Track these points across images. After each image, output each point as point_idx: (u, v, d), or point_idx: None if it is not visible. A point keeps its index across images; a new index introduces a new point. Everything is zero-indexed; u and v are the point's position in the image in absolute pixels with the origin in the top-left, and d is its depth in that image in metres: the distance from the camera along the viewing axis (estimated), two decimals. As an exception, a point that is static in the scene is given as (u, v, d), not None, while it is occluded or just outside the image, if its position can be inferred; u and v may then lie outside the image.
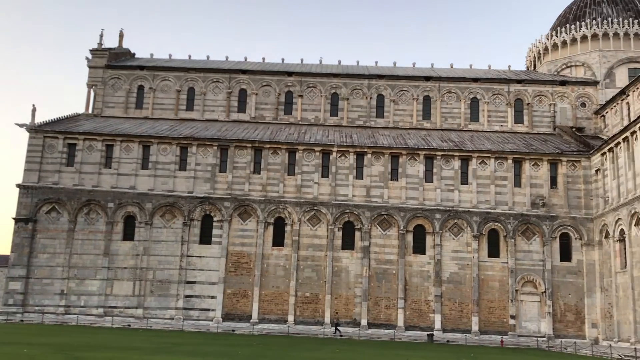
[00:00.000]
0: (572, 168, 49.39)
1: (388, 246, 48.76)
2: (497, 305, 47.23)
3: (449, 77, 59.24)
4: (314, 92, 59.14)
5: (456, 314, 47.22)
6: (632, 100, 50.48)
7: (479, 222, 48.40)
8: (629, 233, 41.99)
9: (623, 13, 61.57)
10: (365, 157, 50.56)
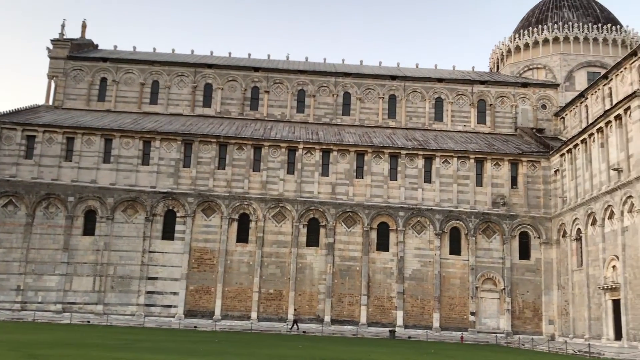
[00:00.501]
0: (532, 168, 50.54)
1: (352, 243, 49.06)
2: (458, 302, 48.06)
3: (415, 77, 59.88)
4: (280, 88, 59.01)
5: (418, 311, 47.85)
6: (590, 103, 51.92)
7: (442, 220, 49.11)
8: (586, 232, 43.21)
9: (583, 18, 63.25)
10: (331, 154, 50.71)
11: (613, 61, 55.06)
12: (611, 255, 39.52)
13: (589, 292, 42.19)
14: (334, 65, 63.43)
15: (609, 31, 61.38)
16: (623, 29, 62.45)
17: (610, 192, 39.62)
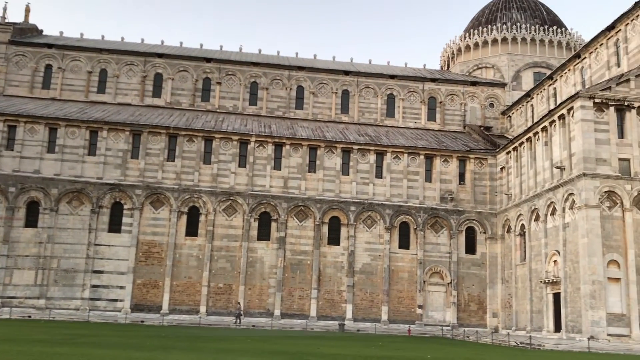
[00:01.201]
0: (480, 165, 51.78)
1: (304, 237, 49.13)
2: (406, 295, 48.87)
3: (368, 73, 60.34)
4: (233, 80, 58.39)
5: (367, 304, 48.39)
6: (536, 102, 53.62)
7: (392, 214, 49.77)
8: (529, 228, 44.65)
9: (531, 19, 65.13)
10: (283, 148, 50.57)
11: (558, 62, 57.05)
12: (553, 250, 40.96)
13: (532, 285, 43.64)
14: (287, 58, 63.21)
15: (555, 33, 63.43)
16: (568, 31, 64.67)
17: (553, 189, 41.04)
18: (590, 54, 46.35)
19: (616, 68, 42.74)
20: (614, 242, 36.62)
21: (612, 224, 36.89)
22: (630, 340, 34.50)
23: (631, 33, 41.50)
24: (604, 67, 44.15)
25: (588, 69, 46.36)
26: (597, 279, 35.71)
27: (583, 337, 34.58)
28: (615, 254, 36.40)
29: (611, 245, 36.51)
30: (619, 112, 38.41)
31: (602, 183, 37.03)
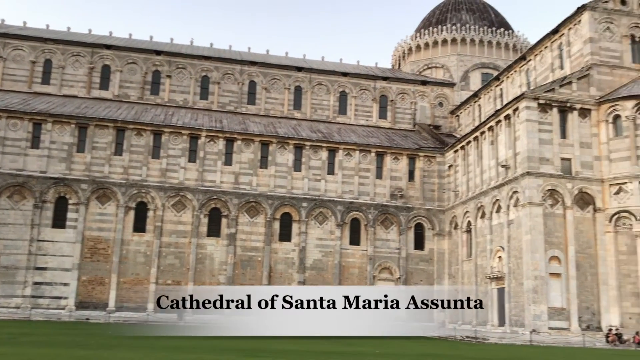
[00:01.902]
0: (429, 163, 52.75)
1: (255, 233, 48.87)
2: (356, 291, 49.27)
3: (320, 70, 60.44)
4: (183, 74, 57.41)
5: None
6: (483, 102, 55.02)
7: (343, 211, 50.11)
8: (475, 225, 45.83)
9: (479, 21, 66.75)
10: (235, 143, 50.12)
11: (505, 64, 58.67)
12: (497, 246, 42.19)
13: (477, 281, 44.84)
14: (239, 53, 62.63)
15: (502, 35, 65.24)
16: (515, 34, 66.62)
17: (498, 187, 42.24)
18: (535, 56, 47.86)
19: (559, 70, 44.29)
20: (556, 238, 38.01)
21: (553, 221, 38.29)
22: (570, 333, 35.93)
23: (574, 37, 43.08)
24: (548, 70, 45.69)
25: (533, 70, 47.87)
26: (539, 275, 36.99)
27: (525, 331, 35.78)
28: (557, 250, 37.80)
29: (553, 242, 37.89)
30: (561, 113, 39.85)
31: (545, 182, 38.36)
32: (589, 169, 39.16)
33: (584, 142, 39.55)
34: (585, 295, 37.47)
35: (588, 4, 41.45)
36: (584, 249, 38.06)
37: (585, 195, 38.68)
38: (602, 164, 39.11)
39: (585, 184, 38.68)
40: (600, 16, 41.47)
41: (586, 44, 41.32)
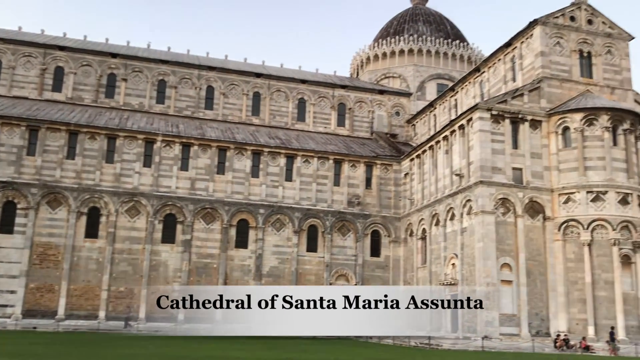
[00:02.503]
0: (385, 171, 53.37)
1: (211, 240, 48.35)
2: (313, 298, 49.27)
3: (279, 76, 60.47)
4: (139, 77, 56.46)
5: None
6: (438, 112, 56.08)
7: (300, 218, 50.13)
8: (430, 232, 46.56)
9: (436, 33, 68.12)
10: (191, 148, 49.57)
11: (459, 75, 59.98)
12: (451, 253, 42.95)
13: (431, 287, 45.48)
14: (198, 57, 62.04)
15: (458, 47, 66.74)
16: (469, 46, 68.24)
17: (452, 195, 43.06)
18: (489, 68, 49.12)
19: (512, 82, 45.58)
20: (507, 246, 38.98)
21: (505, 229, 39.26)
22: (520, 339, 36.82)
23: (526, 50, 44.43)
24: (501, 81, 46.94)
25: (487, 82, 49.10)
26: (491, 281, 37.83)
27: (478, 337, 36.47)
28: (508, 257, 38.76)
29: (504, 249, 38.84)
30: (513, 124, 40.98)
31: (497, 190, 39.32)
32: (539, 178, 40.35)
33: (534, 153, 40.75)
34: (535, 302, 38.50)
35: (539, 19, 42.85)
36: (534, 257, 39.14)
37: (536, 204, 39.82)
38: (552, 174, 40.38)
39: (535, 193, 39.83)
40: (551, 31, 42.92)
41: (537, 57, 42.66)
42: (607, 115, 39.39)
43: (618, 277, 37.13)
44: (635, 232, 37.94)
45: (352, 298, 45.34)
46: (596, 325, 36.85)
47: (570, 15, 43.73)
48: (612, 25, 44.31)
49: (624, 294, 37.07)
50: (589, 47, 43.50)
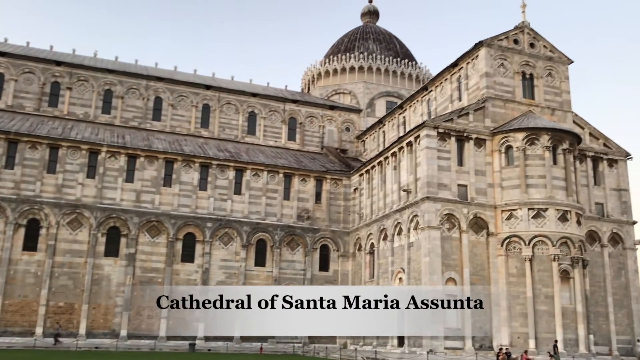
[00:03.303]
0: (335, 185, 53.64)
1: (156, 254, 47.24)
2: (260, 313, 48.68)
3: (230, 89, 60.14)
4: (85, 86, 55.00)
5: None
6: (387, 129, 56.93)
7: (249, 232, 49.65)
8: (378, 246, 46.97)
9: (385, 51, 69.38)
10: (137, 160, 48.49)
11: (408, 93, 61.19)
12: (398, 268, 43.40)
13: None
14: (146, 67, 61.01)
15: (406, 66, 68.15)
16: (418, 65, 69.80)
17: (400, 210, 43.64)
18: (436, 87, 50.31)
19: (458, 102, 46.77)
20: (452, 261, 39.70)
21: (450, 244, 40.01)
22: (464, 352, 37.41)
23: (471, 71, 45.76)
24: (448, 100, 48.12)
25: (434, 101, 50.25)
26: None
27: (423, 351, 36.85)
28: (453, 272, 39.45)
29: (449, 264, 39.53)
30: (459, 142, 41.99)
31: (443, 206, 40.09)
32: (483, 195, 41.40)
33: (479, 170, 41.82)
34: (479, 316, 39.23)
35: (485, 41, 44.26)
36: (478, 272, 39.98)
37: (480, 220, 40.80)
38: (495, 191, 41.51)
39: (479, 209, 40.82)
40: (495, 53, 44.39)
41: (482, 78, 43.99)
42: (548, 135, 40.88)
43: (557, 291, 38.33)
44: (573, 248, 39.34)
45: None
46: (537, 339, 37.82)
47: (514, 38, 45.37)
48: (553, 49, 46.21)
49: (563, 308, 38.26)
50: (531, 70, 45.19)
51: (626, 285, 44.29)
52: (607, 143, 46.99)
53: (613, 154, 46.75)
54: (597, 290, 43.02)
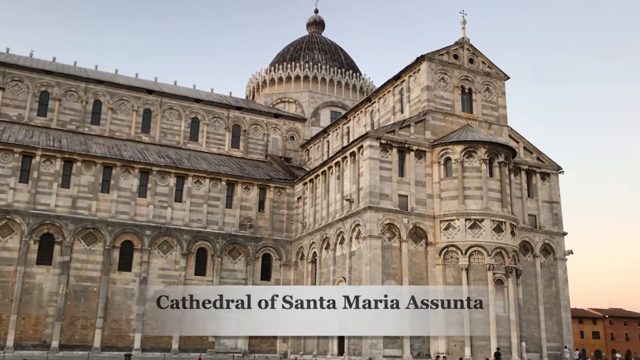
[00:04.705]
0: (279, 194, 53.52)
1: (91, 262, 45.73)
2: (200, 323, 47.89)
3: (172, 94, 59.16)
4: (19, 87, 52.87)
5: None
6: (331, 139, 57.39)
7: (189, 240, 48.81)
8: (320, 255, 47.13)
9: (330, 62, 70.03)
10: (74, 164, 46.93)
11: (352, 104, 61.94)
12: (340, 277, 43.67)
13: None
14: (85, 70, 59.23)
15: (351, 77, 69.01)
16: (362, 76, 70.80)
17: (343, 219, 43.99)
18: (379, 99, 51.13)
19: (400, 114, 47.68)
20: (392, 269, 40.29)
21: (391, 253, 40.62)
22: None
23: (413, 84, 46.80)
24: (390, 112, 48.99)
25: (377, 112, 51.04)
26: (376, 304, 38.72)
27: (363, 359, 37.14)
28: (393, 280, 40.03)
29: (390, 273, 40.10)
30: (400, 153, 42.80)
31: (384, 216, 40.69)
32: (423, 205, 42.28)
33: (419, 181, 42.72)
34: (417, 324, 39.73)
35: (426, 55, 45.38)
36: (417, 280, 40.70)
37: (419, 229, 41.62)
38: (434, 201, 42.47)
39: (419, 219, 41.65)
40: (436, 67, 45.57)
41: (423, 91, 45.05)
42: (485, 149, 42.22)
43: (492, 300, 39.47)
44: (507, 257, 40.67)
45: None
46: (472, 347, 38.79)
47: (454, 53, 46.73)
48: (491, 65, 47.87)
49: (497, 316, 39.42)
50: (470, 84, 46.63)
51: (556, 294, 46.09)
52: (540, 157, 48.92)
53: (546, 167, 48.72)
54: (529, 299, 44.55)
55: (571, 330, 46.21)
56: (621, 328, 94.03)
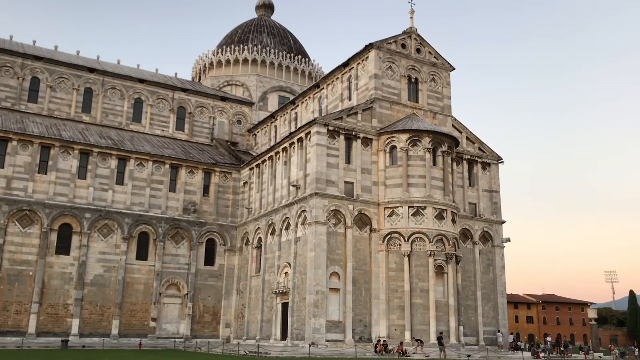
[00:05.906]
0: (224, 179, 52.94)
1: (27, 245, 44.11)
2: (140, 308, 47.13)
3: (115, 74, 57.38)
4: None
5: (97, 318, 45.35)
6: (279, 124, 57.10)
7: (131, 224, 47.73)
8: (265, 241, 47.03)
9: (279, 46, 69.46)
10: (9, 144, 44.96)
11: (300, 89, 61.75)
12: (285, 262, 43.76)
13: (264, 296, 45.92)
14: (22, 45, 56.62)
15: (300, 62, 68.68)
16: (311, 62, 70.59)
17: (289, 205, 44.00)
18: (327, 86, 51.16)
19: (348, 101, 47.91)
20: (337, 255, 40.68)
21: (336, 239, 40.97)
22: (344, 344, 38.51)
23: (361, 72, 47.04)
24: (338, 99, 49.13)
25: (325, 98, 51.09)
26: (320, 289, 39.16)
27: (305, 344, 37.47)
28: (337, 266, 40.45)
29: (334, 259, 40.48)
30: (347, 140, 43.06)
31: (330, 202, 40.95)
32: (368, 192, 42.77)
33: (365, 168, 43.15)
34: (360, 309, 40.57)
35: (375, 43, 45.66)
36: (361, 266, 41.30)
37: (364, 216, 42.12)
38: (379, 189, 43.04)
39: (364, 206, 42.14)
40: (384, 55, 45.95)
41: (371, 79, 45.37)
42: (429, 138, 43.02)
43: (432, 285, 40.52)
44: (448, 244, 41.76)
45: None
46: (412, 331, 39.74)
47: (402, 42, 47.22)
48: (437, 55, 48.66)
49: (437, 301, 40.51)
50: (416, 74, 47.28)
51: (494, 280, 47.72)
52: (481, 147, 50.27)
53: (487, 157, 50.11)
54: (468, 285, 45.95)
55: (506, 315, 47.98)
56: (553, 313, 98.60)
